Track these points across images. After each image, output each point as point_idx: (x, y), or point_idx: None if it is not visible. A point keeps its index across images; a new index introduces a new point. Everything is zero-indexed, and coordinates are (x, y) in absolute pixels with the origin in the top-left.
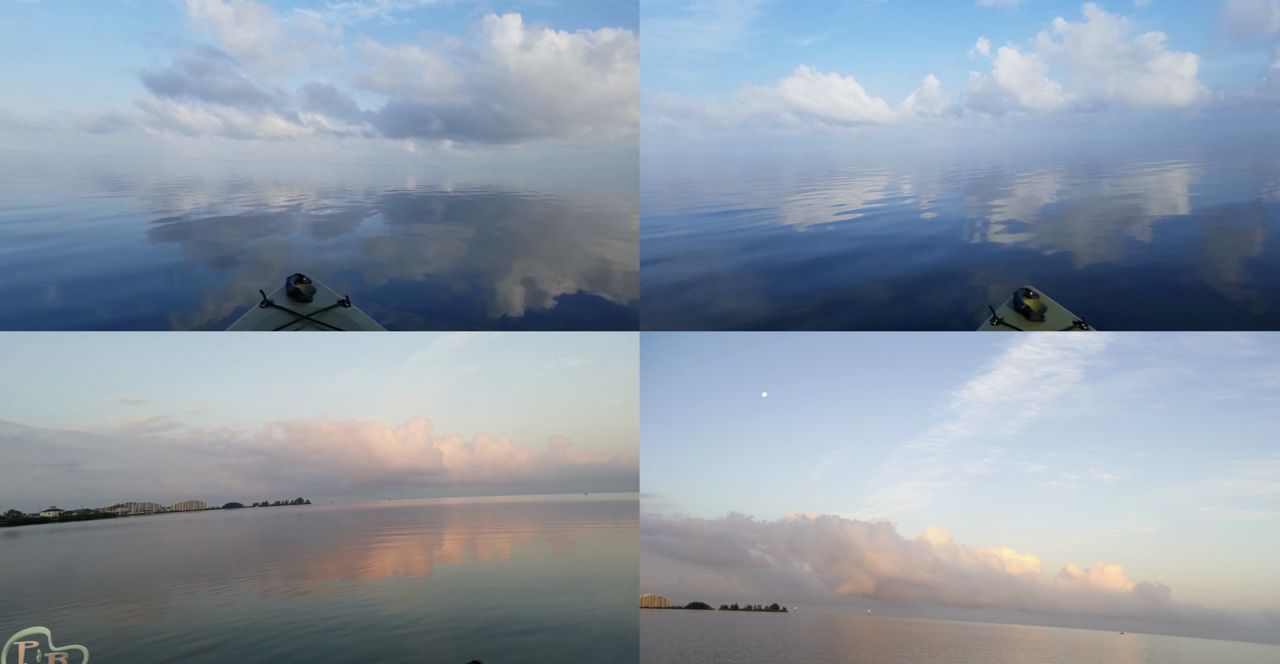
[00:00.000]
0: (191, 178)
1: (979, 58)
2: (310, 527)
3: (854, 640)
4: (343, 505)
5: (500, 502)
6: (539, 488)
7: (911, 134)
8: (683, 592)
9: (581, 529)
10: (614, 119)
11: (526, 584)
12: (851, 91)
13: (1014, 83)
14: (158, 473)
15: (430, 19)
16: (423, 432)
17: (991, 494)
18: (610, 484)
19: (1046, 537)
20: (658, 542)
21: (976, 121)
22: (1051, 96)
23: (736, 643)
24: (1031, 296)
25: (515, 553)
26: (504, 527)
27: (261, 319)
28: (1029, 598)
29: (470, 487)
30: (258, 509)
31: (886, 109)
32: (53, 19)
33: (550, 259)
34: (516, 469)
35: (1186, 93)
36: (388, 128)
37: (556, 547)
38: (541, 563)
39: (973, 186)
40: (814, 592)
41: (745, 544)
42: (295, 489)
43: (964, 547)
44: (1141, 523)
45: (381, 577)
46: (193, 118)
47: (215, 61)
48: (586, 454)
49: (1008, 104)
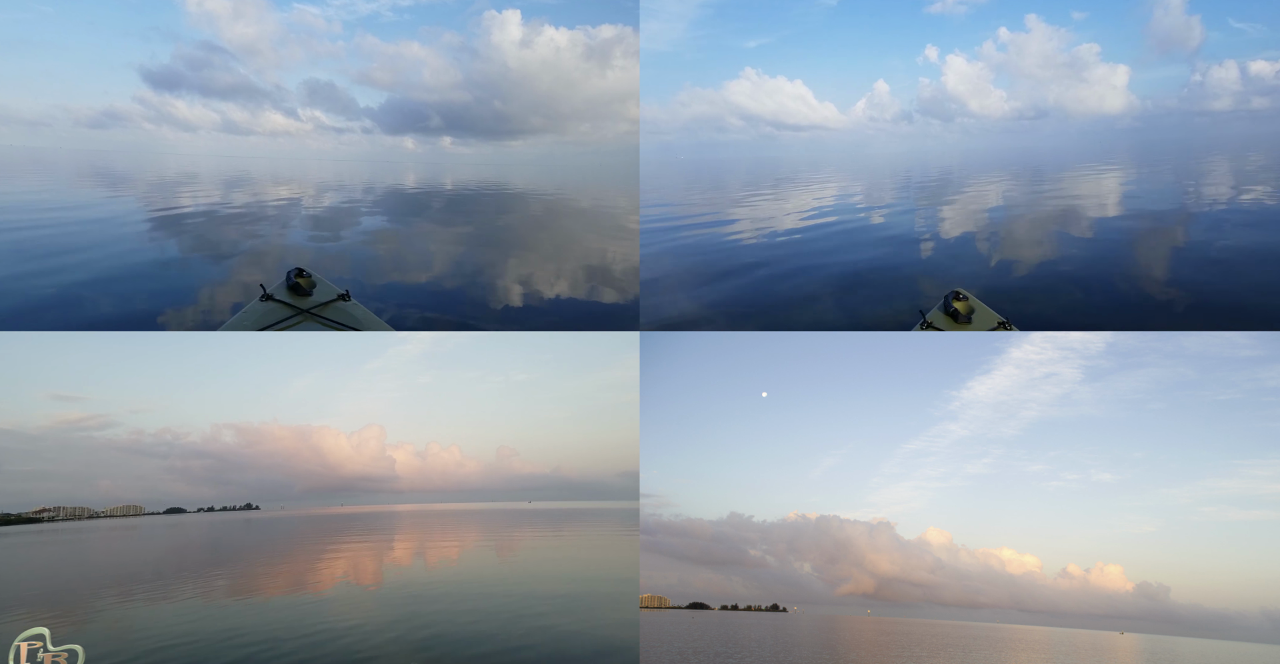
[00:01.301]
0: (189, 173)
1: (928, 64)
2: (259, 533)
3: (854, 640)
4: (294, 511)
5: (450, 508)
6: (486, 496)
7: (863, 139)
8: (683, 592)
9: (529, 535)
10: (613, 116)
11: (477, 590)
12: (800, 95)
13: (962, 90)
14: (91, 475)
15: (430, 15)
16: (376, 438)
17: (991, 494)
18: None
19: (1046, 537)
20: (657, 542)
21: (927, 127)
22: (997, 104)
23: (736, 643)
24: (961, 299)
25: (463, 559)
26: (454, 533)
27: (262, 313)
28: (1029, 598)
29: (421, 494)
30: (203, 515)
31: (837, 114)
32: (50, 13)
33: (549, 258)
34: (465, 477)
35: (1119, 102)
36: (387, 124)
37: (500, 553)
38: (491, 570)
39: (926, 192)
40: (814, 591)
41: (745, 544)
42: (244, 494)
43: (964, 547)
44: (1141, 523)
45: (331, 584)
46: (191, 113)
47: (214, 56)
48: (531, 464)
49: (956, 110)
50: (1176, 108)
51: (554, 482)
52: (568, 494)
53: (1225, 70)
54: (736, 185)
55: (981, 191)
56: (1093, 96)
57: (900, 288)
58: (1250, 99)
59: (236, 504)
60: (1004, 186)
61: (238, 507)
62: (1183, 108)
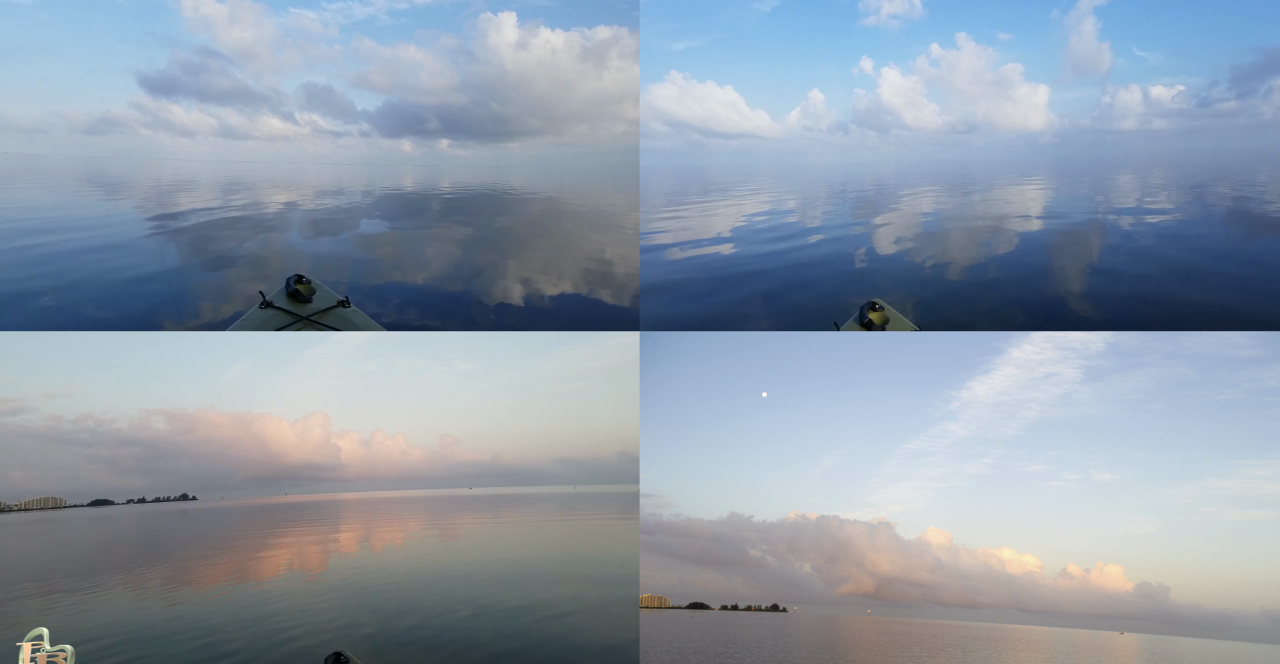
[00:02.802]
0: (187, 179)
1: (863, 76)
2: (197, 524)
3: (853, 640)
4: (234, 501)
5: (395, 496)
6: (429, 483)
7: (798, 149)
8: (683, 592)
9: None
10: (610, 117)
11: (421, 575)
12: (731, 102)
13: (897, 102)
14: (1, 465)
15: (426, 18)
16: (321, 426)
17: (991, 494)
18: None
19: (1046, 536)
20: (657, 542)
21: (863, 138)
22: (931, 117)
23: (736, 642)
24: (876, 310)
25: (408, 544)
26: (400, 520)
27: (261, 320)
28: (1029, 598)
29: (367, 482)
30: (133, 507)
31: (770, 122)
32: (46, 19)
33: (548, 259)
34: (410, 465)
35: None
36: (384, 127)
37: (443, 537)
38: (434, 554)
39: (864, 203)
40: (814, 591)
41: (745, 544)
42: (179, 484)
43: (964, 547)
44: (1141, 523)
45: (275, 574)
46: (188, 118)
47: (210, 61)
48: (473, 452)
49: (892, 122)
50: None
51: (493, 469)
52: (506, 480)
53: (1130, 93)
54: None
55: (917, 203)
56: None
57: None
58: (1151, 120)
59: (171, 495)
60: (941, 198)
61: (172, 497)
62: (1095, 126)
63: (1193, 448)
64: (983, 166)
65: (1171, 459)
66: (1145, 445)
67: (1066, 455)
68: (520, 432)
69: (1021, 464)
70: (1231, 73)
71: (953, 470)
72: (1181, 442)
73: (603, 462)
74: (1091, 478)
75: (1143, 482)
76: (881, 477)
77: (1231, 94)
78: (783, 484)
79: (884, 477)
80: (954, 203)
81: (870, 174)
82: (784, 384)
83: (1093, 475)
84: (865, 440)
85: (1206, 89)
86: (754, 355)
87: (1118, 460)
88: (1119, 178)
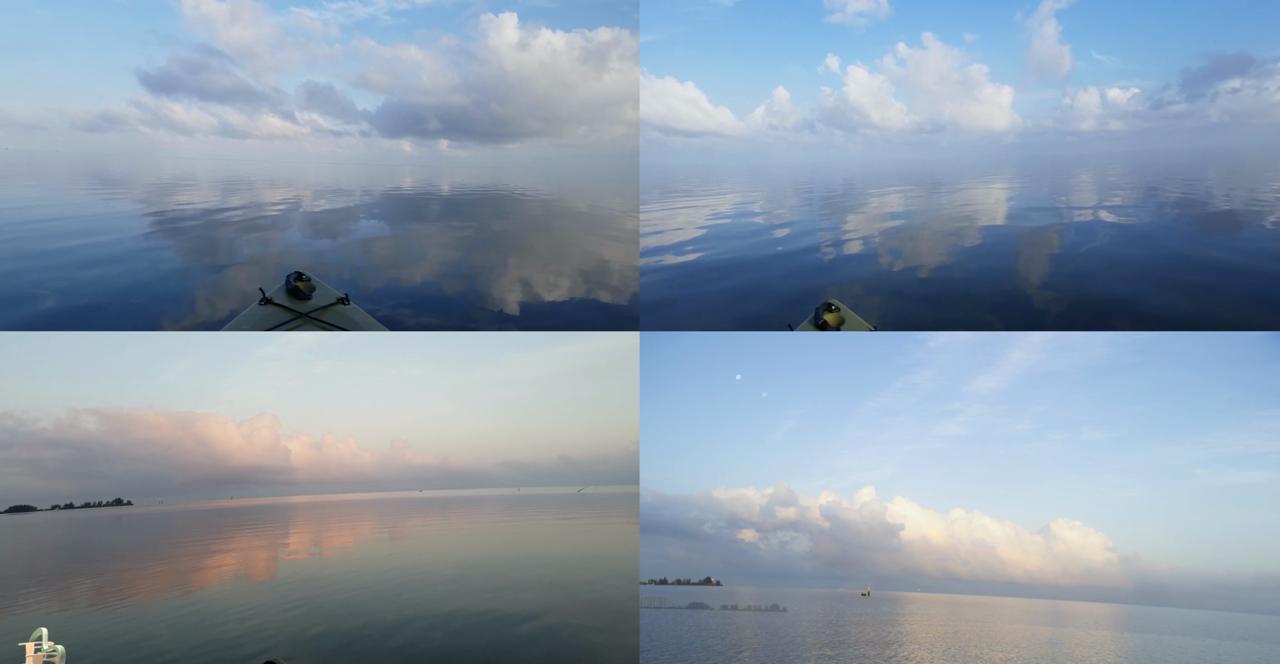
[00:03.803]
0: (186, 176)
1: (829, 74)
2: (132, 531)
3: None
4: (174, 506)
5: (347, 499)
6: (380, 486)
7: (762, 148)
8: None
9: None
10: (609, 119)
11: (372, 578)
12: (692, 98)
13: (864, 101)
14: None
15: (427, 18)
16: (269, 428)
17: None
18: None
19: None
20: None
21: (830, 137)
22: (898, 116)
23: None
24: (832, 311)
25: (360, 548)
26: (351, 523)
27: (260, 317)
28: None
29: (318, 484)
30: (58, 513)
31: (734, 120)
32: (46, 17)
33: (547, 259)
34: (361, 468)
35: (1005, 120)
36: (385, 127)
37: (394, 539)
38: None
39: (838, 204)
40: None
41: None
42: (112, 488)
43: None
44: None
45: (221, 582)
46: (188, 116)
47: (211, 60)
48: (423, 455)
49: (859, 121)
50: (1051, 127)
51: (442, 472)
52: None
53: (1089, 95)
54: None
55: (889, 202)
56: (983, 114)
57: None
58: (1109, 122)
59: (103, 500)
60: (914, 198)
61: (104, 502)
62: (1056, 127)
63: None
64: (952, 166)
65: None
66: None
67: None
68: (467, 436)
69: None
70: (1182, 76)
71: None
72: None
73: (544, 465)
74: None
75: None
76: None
77: (1182, 97)
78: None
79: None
80: (925, 201)
81: (839, 173)
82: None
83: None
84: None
85: (1159, 92)
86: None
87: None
88: (1079, 177)
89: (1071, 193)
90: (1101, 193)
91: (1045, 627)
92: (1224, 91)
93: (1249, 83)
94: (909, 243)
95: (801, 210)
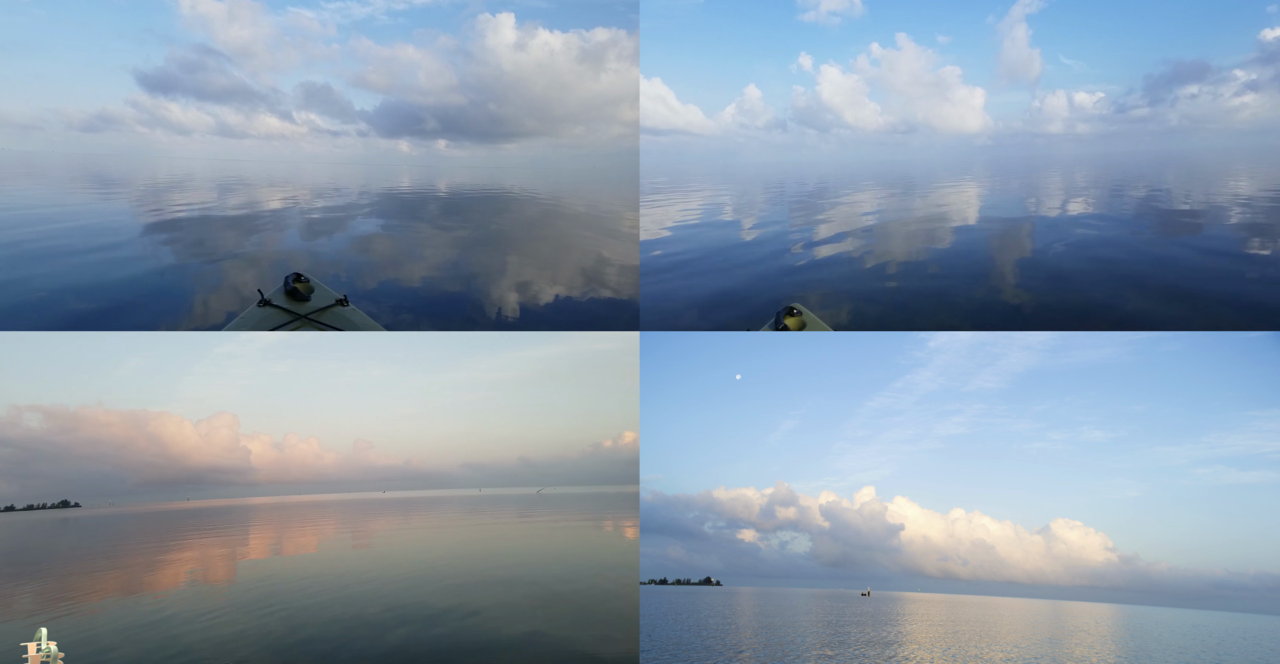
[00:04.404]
0: (183, 176)
1: (801, 72)
2: (80, 535)
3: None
4: (126, 508)
5: (310, 500)
6: (343, 487)
7: (733, 147)
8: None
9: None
10: (606, 119)
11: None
12: (660, 95)
13: (838, 101)
14: None
15: (424, 18)
16: (228, 427)
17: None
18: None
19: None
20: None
21: (803, 137)
22: (872, 117)
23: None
24: (793, 314)
25: (322, 550)
26: (314, 524)
27: (259, 319)
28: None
29: (279, 485)
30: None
31: (703, 118)
32: (43, 16)
33: (545, 260)
34: (324, 469)
35: (977, 122)
36: (382, 127)
37: (356, 541)
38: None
39: (806, 204)
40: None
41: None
42: (58, 490)
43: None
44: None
45: (176, 585)
46: (185, 116)
47: (208, 59)
48: (387, 456)
49: (833, 121)
50: (1021, 129)
51: (405, 472)
52: (417, 484)
53: (1057, 99)
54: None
55: (869, 203)
56: (955, 115)
57: None
58: (1076, 124)
59: (48, 502)
60: (893, 198)
61: (50, 504)
62: (1026, 130)
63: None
64: (924, 166)
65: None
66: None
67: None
68: (431, 437)
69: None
70: (1144, 82)
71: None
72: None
73: (504, 466)
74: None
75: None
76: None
77: (1144, 102)
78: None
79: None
80: (906, 202)
81: (812, 173)
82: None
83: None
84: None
85: (1123, 96)
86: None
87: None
88: (1049, 178)
89: (1041, 195)
90: (1069, 193)
91: (1045, 627)
92: (1183, 97)
93: (1206, 89)
94: (882, 243)
95: (773, 210)
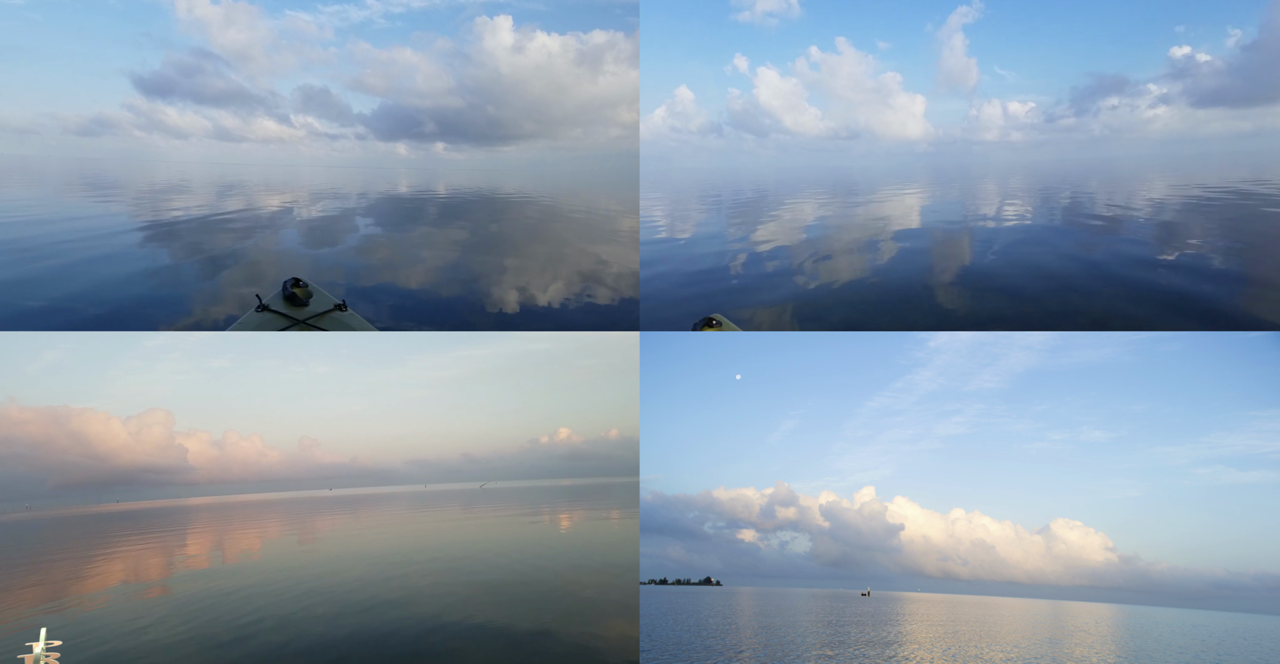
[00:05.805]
0: (181, 181)
1: (737, 74)
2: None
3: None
4: (45, 512)
5: (252, 499)
6: (288, 485)
7: (664, 152)
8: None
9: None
10: (605, 121)
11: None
12: None
13: (776, 105)
14: None
15: (422, 21)
16: (162, 425)
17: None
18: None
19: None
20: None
21: (739, 142)
22: (812, 122)
23: None
24: (713, 325)
25: (266, 551)
26: (256, 525)
27: (257, 324)
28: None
29: (220, 485)
30: None
31: None
32: (38, 20)
33: (544, 262)
34: (267, 467)
35: (918, 129)
36: (380, 130)
37: (303, 539)
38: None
39: (749, 213)
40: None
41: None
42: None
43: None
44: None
45: (105, 590)
46: (182, 120)
47: (205, 63)
48: (333, 453)
49: (771, 125)
50: (960, 137)
51: (352, 470)
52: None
53: (993, 107)
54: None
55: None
56: (897, 122)
57: None
58: (1010, 133)
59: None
60: (839, 206)
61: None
62: (964, 137)
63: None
64: (865, 173)
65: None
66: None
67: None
68: (376, 434)
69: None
70: (1071, 93)
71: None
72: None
73: (448, 462)
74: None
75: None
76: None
77: (1071, 112)
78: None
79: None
80: (848, 209)
81: (749, 180)
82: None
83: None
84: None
85: (1052, 106)
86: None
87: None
88: (984, 185)
89: (979, 200)
90: (1004, 198)
91: (1045, 627)
92: (1105, 108)
93: (1124, 101)
94: (826, 250)
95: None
